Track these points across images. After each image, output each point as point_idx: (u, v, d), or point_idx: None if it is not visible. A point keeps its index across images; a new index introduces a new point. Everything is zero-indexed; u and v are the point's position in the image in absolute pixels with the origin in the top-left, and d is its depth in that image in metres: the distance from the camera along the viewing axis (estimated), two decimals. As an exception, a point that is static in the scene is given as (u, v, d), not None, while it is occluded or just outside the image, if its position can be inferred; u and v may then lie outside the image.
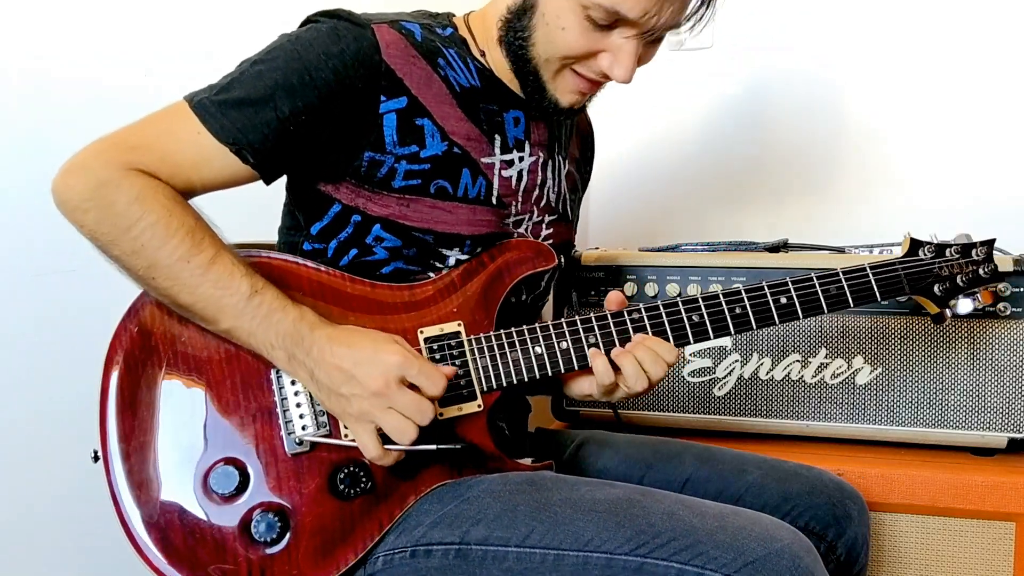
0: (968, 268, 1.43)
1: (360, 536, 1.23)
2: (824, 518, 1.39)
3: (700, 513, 1.17)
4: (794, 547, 1.12)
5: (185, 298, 1.20)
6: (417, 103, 1.30)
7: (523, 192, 1.42)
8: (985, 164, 2.19)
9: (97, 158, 1.20)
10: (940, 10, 2.21)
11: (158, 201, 1.19)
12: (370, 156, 1.29)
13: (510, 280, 1.36)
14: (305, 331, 1.19)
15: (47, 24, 1.57)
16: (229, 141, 1.22)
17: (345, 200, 1.33)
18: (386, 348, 1.18)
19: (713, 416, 1.81)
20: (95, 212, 1.18)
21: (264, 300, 1.20)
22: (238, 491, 1.21)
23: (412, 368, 1.18)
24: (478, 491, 1.25)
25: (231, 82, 1.26)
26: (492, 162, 1.38)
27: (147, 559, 1.19)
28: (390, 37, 1.29)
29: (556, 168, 1.49)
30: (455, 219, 1.34)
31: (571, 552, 1.15)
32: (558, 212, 1.50)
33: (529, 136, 1.43)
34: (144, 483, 1.21)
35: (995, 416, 1.67)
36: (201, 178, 1.24)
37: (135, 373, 1.24)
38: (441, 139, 1.32)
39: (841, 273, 1.39)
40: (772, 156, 2.36)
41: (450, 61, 1.35)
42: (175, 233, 1.18)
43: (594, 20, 1.25)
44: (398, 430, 1.17)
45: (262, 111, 1.23)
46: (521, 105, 1.41)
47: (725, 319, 1.35)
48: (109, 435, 1.22)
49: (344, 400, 1.18)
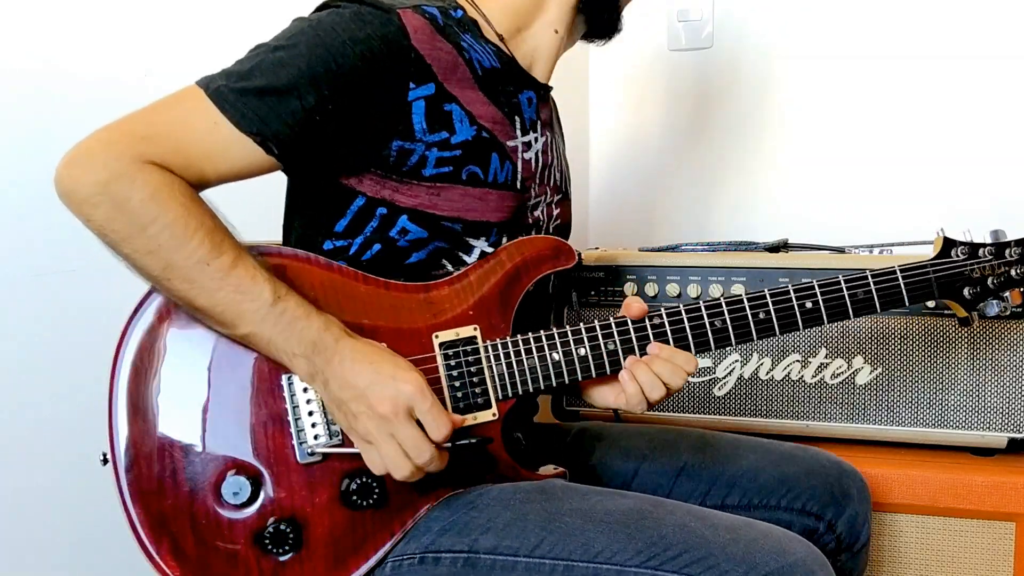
0: (1000, 269, 1.37)
1: (371, 545, 1.23)
2: (822, 498, 1.40)
3: (712, 525, 1.17)
4: (808, 561, 1.13)
5: (203, 302, 1.16)
6: (443, 89, 1.27)
7: (539, 174, 1.42)
8: (985, 163, 2.19)
9: (107, 149, 1.13)
10: (941, 7, 2.21)
11: (175, 199, 1.13)
12: (399, 145, 1.26)
13: (528, 280, 1.33)
14: (330, 341, 1.17)
15: (47, 23, 1.55)
16: (252, 131, 1.17)
17: (370, 192, 1.29)
18: (404, 376, 1.16)
19: (713, 416, 1.81)
20: (106, 208, 1.12)
21: (288, 308, 1.17)
22: (250, 500, 1.20)
23: (424, 403, 1.15)
24: (488, 499, 1.24)
25: (251, 69, 1.19)
26: (515, 145, 1.36)
27: (159, 567, 1.19)
28: (416, 22, 1.25)
29: (557, 147, 1.50)
30: (485, 206, 1.32)
31: (581, 563, 1.15)
32: (562, 191, 1.51)
33: (539, 116, 1.43)
34: (154, 489, 1.19)
35: (995, 416, 1.67)
36: (216, 169, 1.19)
37: (143, 376, 1.21)
38: (470, 123, 1.30)
39: (870, 277, 1.34)
40: (772, 156, 2.36)
41: (471, 44, 1.32)
42: (194, 234, 1.13)
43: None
44: (394, 464, 1.16)
45: (286, 100, 1.18)
46: (532, 85, 1.41)
47: (748, 325, 1.32)
48: (117, 440, 1.20)
49: (352, 417, 1.16)
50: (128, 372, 1.21)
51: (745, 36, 2.28)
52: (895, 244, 1.81)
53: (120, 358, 1.21)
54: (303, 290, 1.22)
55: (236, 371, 1.22)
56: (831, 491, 1.40)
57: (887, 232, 1.93)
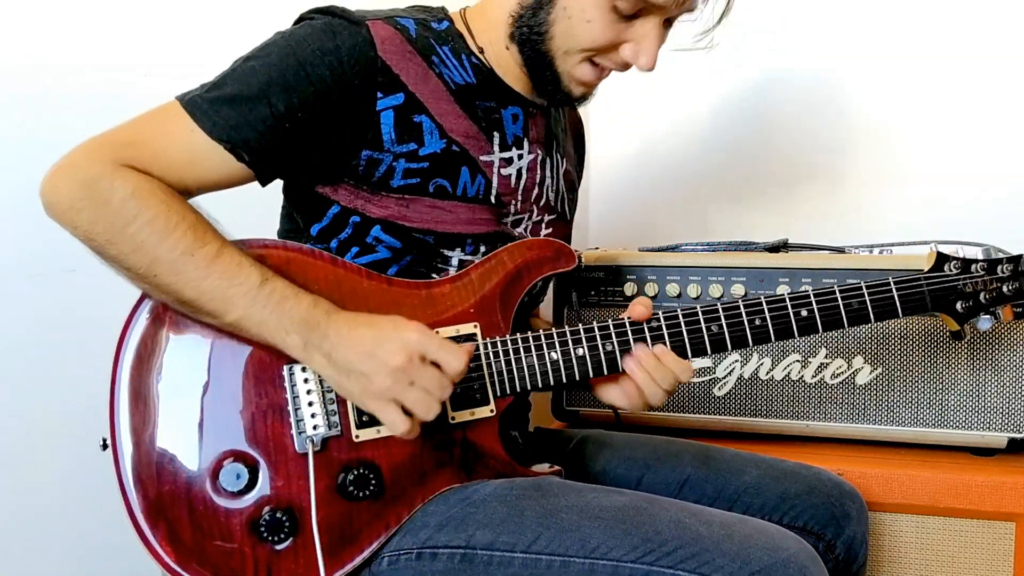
0: (992, 285, 1.39)
1: (367, 537, 1.23)
2: (822, 517, 1.39)
3: (707, 521, 1.17)
4: (800, 557, 1.13)
5: (189, 293, 1.17)
6: (415, 99, 1.29)
7: (522, 191, 1.41)
8: (985, 163, 2.19)
9: (87, 156, 1.17)
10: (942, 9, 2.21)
11: (155, 196, 1.16)
12: (368, 155, 1.28)
13: (529, 281, 1.35)
14: (321, 316, 1.18)
15: (46, 24, 1.56)
16: (223, 139, 1.21)
17: (344, 202, 1.31)
18: (406, 326, 1.18)
19: (713, 416, 1.81)
20: (89, 211, 1.15)
21: (276, 288, 1.18)
22: (247, 488, 1.20)
23: (432, 344, 1.17)
24: (484, 495, 1.25)
25: (223, 79, 1.24)
26: (491, 160, 1.37)
27: (155, 553, 1.19)
28: (385, 33, 1.28)
29: (555, 166, 1.49)
30: (455, 218, 1.33)
31: (577, 559, 1.15)
32: (557, 211, 1.50)
33: (528, 133, 1.42)
34: (152, 476, 1.20)
35: (995, 416, 1.67)
36: (195, 178, 1.22)
37: (145, 364, 1.22)
38: (440, 136, 1.31)
39: (865, 288, 1.36)
40: (772, 156, 2.36)
41: (443, 58, 1.34)
42: (176, 227, 1.16)
43: (620, 11, 1.26)
44: (422, 404, 1.16)
45: (256, 108, 1.21)
46: (519, 101, 1.40)
47: (744, 330, 1.34)
48: (118, 427, 1.21)
49: (364, 378, 1.16)
50: (131, 359, 1.22)
51: (745, 36, 2.28)
52: (895, 244, 1.81)
53: (124, 346, 1.23)
54: (307, 284, 1.24)
55: (236, 360, 1.23)
56: (832, 511, 1.40)
57: (887, 232, 1.92)
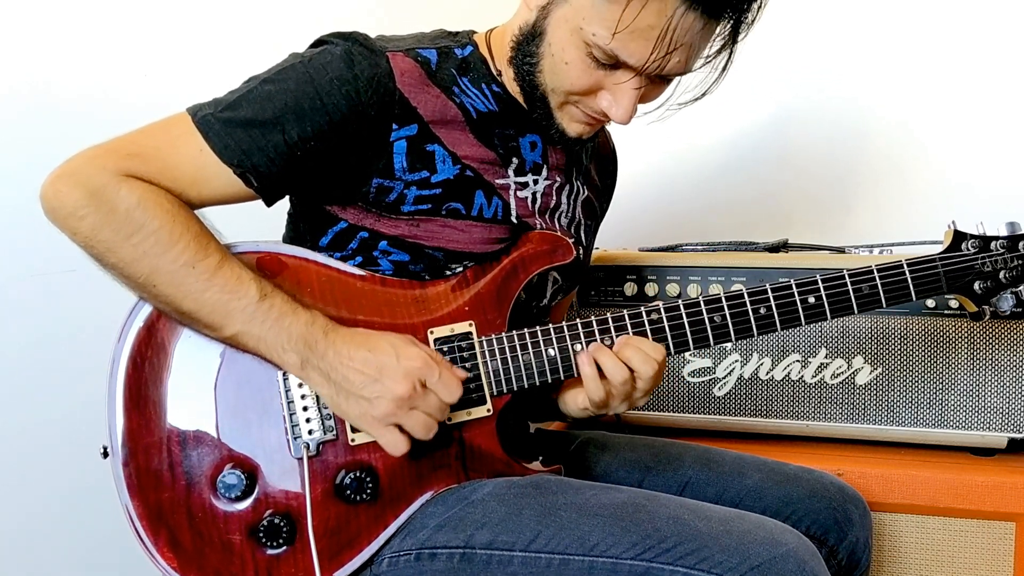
0: (1014, 263, 1.33)
1: (365, 539, 1.23)
2: (825, 522, 1.39)
3: (705, 517, 1.17)
4: (799, 551, 1.13)
5: (188, 305, 1.18)
6: (428, 130, 1.28)
7: (538, 212, 1.39)
8: (986, 164, 2.19)
9: (91, 163, 1.17)
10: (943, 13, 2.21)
11: (161, 206, 1.16)
12: (378, 183, 1.28)
13: (525, 276, 1.33)
14: (318, 335, 1.19)
15: (47, 26, 1.56)
16: (233, 163, 1.20)
17: (352, 220, 1.31)
18: (407, 353, 1.18)
19: (713, 416, 1.81)
20: (93, 218, 1.15)
21: (275, 304, 1.19)
22: (244, 494, 1.21)
23: (433, 375, 1.18)
24: (483, 494, 1.25)
25: (238, 99, 1.22)
26: (507, 183, 1.35)
27: (156, 559, 1.20)
28: (405, 65, 1.27)
29: (573, 193, 1.46)
30: (468, 238, 1.32)
31: (576, 556, 1.15)
32: (572, 236, 1.47)
33: (547, 160, 1.40)
34: (151, 483, 1.21)
35: (995, 416, 1.67)
36: (199, 194, 1.22)
37: (142, 371, 1.23)
38: (453, 163, 1.30)
39: (876, 270, 1.33)
40: (772, 156, 2.35)
41: (464, 89, 1.32)
42: (180, 239, 1.16)
43: (596, 59, 1.23)
44: (423, 428, 1.18)
45: (270, 134, 1.21)
46: (539, 129, 1.37)
47: (749, 320, 1.31)
48: (116, 434, 1.21)
49: (366, 403, 1.17)
50: (127, 366, 1.23)
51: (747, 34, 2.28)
52: (895, 244, 1.81)
53: (120, 352, 1.23)
54: (300, 287, 1.24)
55: (233, 366, 1.24)
56: (834, 515, 1.39)
57: (887, 232, 1.92)
